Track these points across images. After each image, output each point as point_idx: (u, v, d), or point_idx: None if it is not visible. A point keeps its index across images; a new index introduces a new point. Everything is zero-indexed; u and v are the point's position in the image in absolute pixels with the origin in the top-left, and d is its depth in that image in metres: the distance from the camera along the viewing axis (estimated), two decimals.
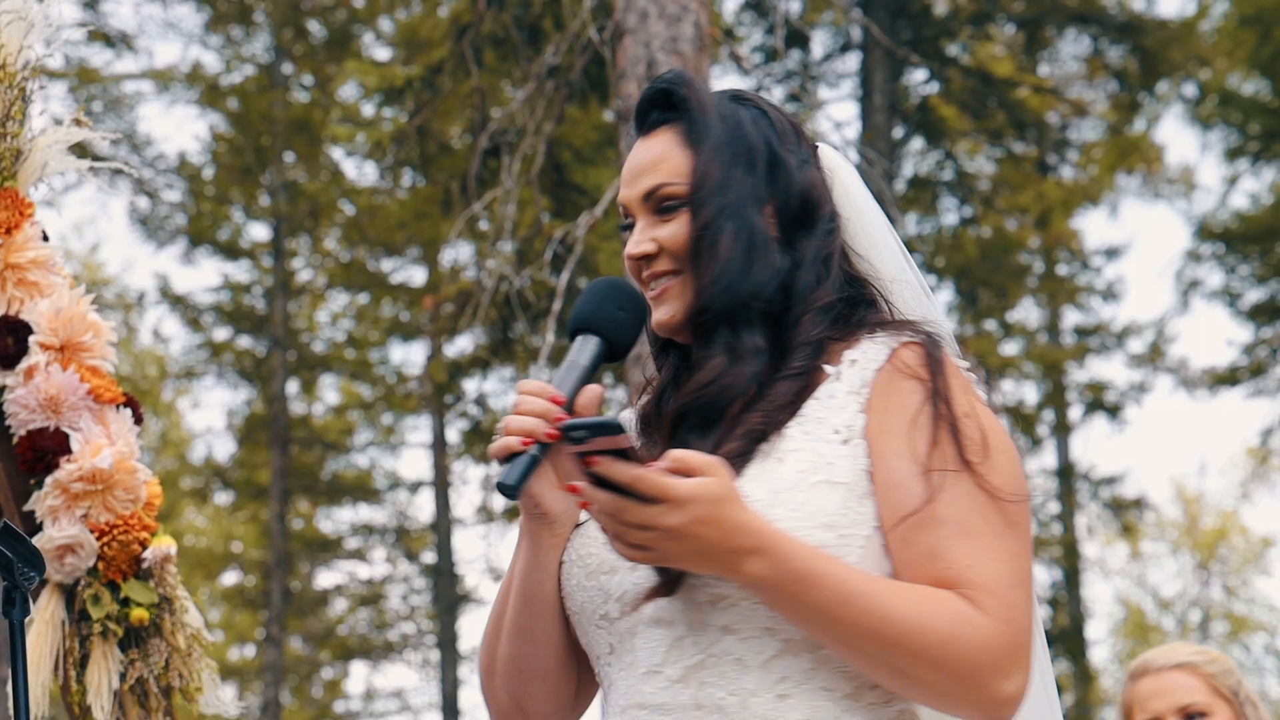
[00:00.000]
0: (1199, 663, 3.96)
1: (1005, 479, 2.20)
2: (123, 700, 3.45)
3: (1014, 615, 2.14)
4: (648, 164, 2.36)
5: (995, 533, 2.17)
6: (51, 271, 3.58)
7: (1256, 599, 30.65)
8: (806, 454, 2.22)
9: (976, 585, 2.14)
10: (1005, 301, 21.93)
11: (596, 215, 11.74)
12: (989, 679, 2.12)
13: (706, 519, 2.06)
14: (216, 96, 22.43)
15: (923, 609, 2.11)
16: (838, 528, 2.18)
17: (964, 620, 2.12)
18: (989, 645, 2.12)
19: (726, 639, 2.20)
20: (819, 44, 19.45)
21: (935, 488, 2.17)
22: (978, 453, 2.19)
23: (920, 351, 2.26)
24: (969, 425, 2.21)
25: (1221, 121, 19.92)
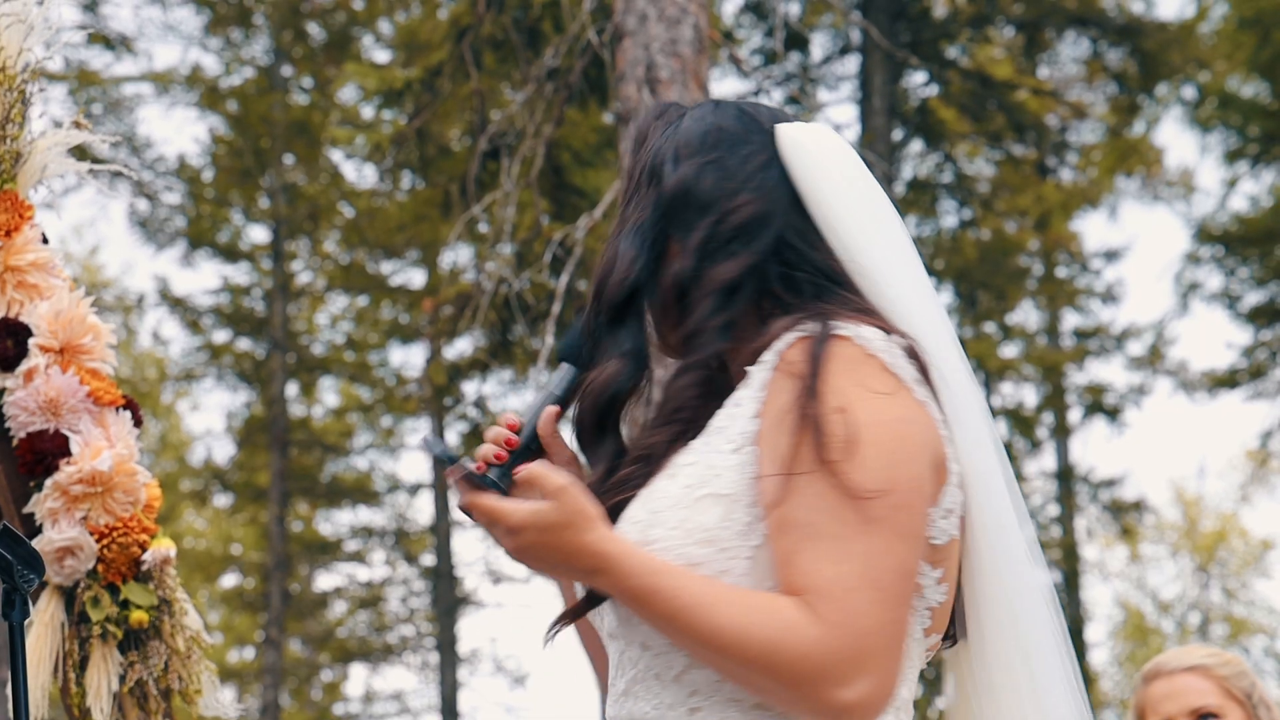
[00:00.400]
0: (1212, 665, 3.94)
1: (870, 475, 2.13)
2: (122, 702, 3.45)
3: (850, 619, 2.09)
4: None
5: (848, 534, 2.12)
6: (51, 274, 3.59)
7: (1256, 601, 30.66)
8: (699, 468, 2.23)
9: (813, 590, 2.11)
10: (1005, 304, 21.94)
11: (596, 217, 11.74)
12: (821, 687, 2.10)
13: (540, 544, 2.17)
14: (216, 99, 22.44)
15: (750, 619, 2.10)
16: (718, 542, 2.18)
17: (789, 628, 2.10)
18: (815, 652, 2.09)
19: (646, 654, 2.24)
20: (818, 46, 19.46)
21: (787, 490, 2.15)
22: (839, 450, 2.14)
23: (805, 346, 2.21)
24: (835, 421, 2.15)
25: (1221, 124, 19.93)
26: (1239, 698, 3.91)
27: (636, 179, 2.43)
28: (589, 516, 2.17)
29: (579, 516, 2.16)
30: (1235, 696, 3.91)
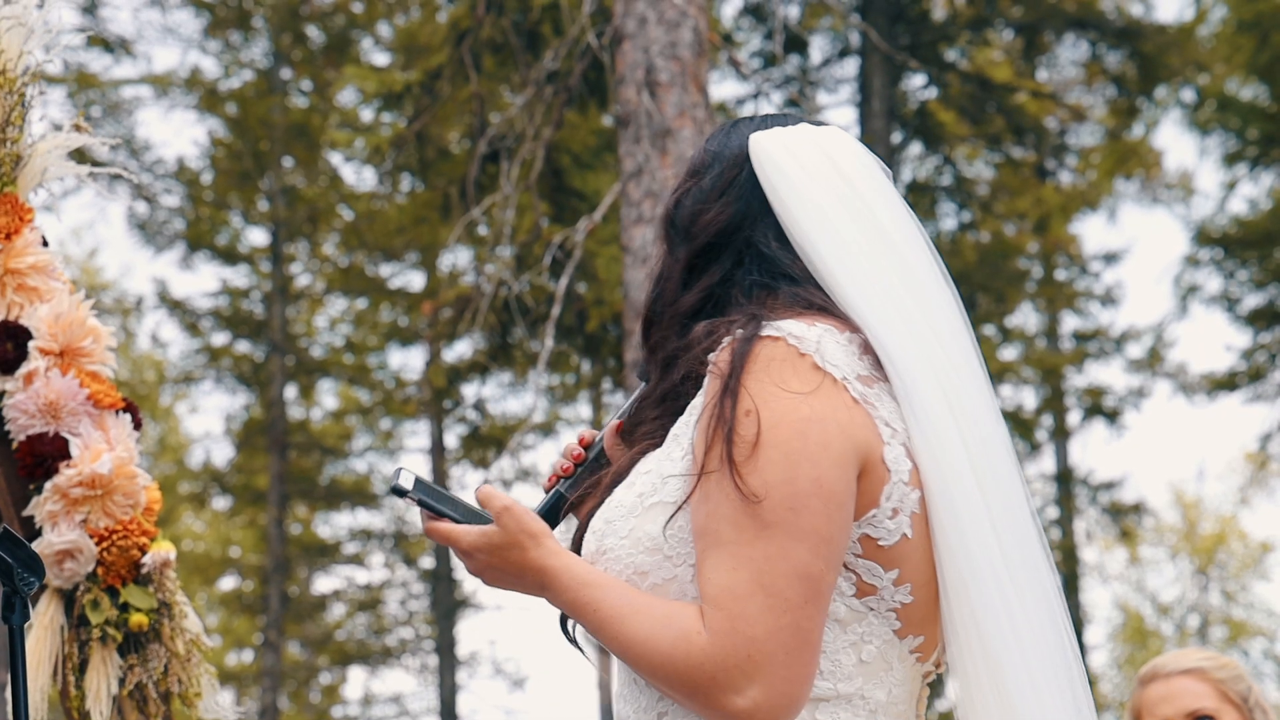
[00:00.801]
0: (1209, 668, 3.94)
1: (769, 477, 2.13)
2: (122, 705, 3.45)
3: (739, 627, 2.10)
4: None
5: (744, 540, 2.12)
6: (51, 277, 3.59)
7: (1255, 604, 30.66)
8: (651, 476, 2.26)
9: (708, 598, 2.13)
10: (1004, 306, 21.94)
11: (595, 220, 11.74)
12: (711, 695, 2.11)
13: (490, 565, 2.30)
14: (215, 101, 22.44)
15: (652, 629, 2.15)
16: (661, 550, 2.21)
17: (682, 638, 2.13)
18: (702, 661, 2.11)
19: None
20: (817, 49, 19.46)
21: (700, 495, 2.17)
22: (744, 450, 2.13)
23: (730, 349, 2.21)
24: (745, 422, 2.14)
25: (1220, 126, 19.93)
26: (1235, 701, 3.91)
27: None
28: (532, 534, 2.27)
29: (522, 535, 2.27)
30: (1232, 700, 3.91)
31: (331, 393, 25.38)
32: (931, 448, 2.23)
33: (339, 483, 24.60)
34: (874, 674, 2.21)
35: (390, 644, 25.70)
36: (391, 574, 25.57)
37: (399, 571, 25.59)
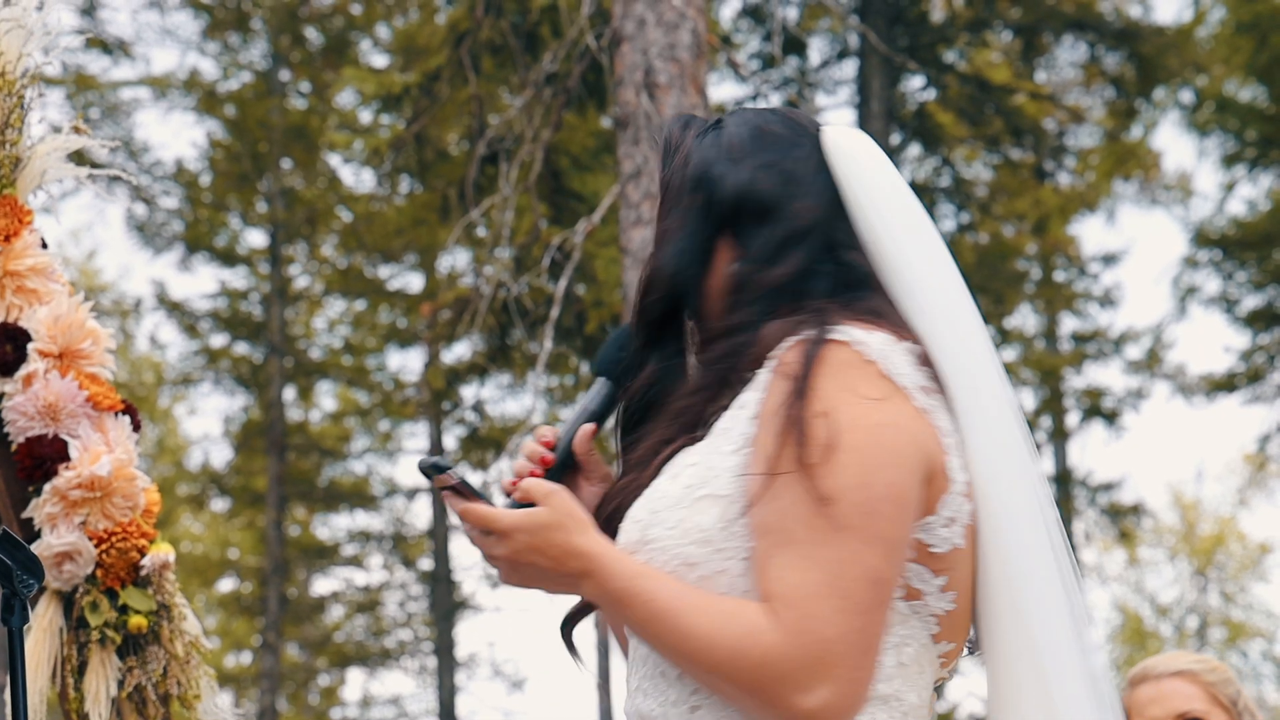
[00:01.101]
0: (1199, 670, 3.94)
1: (845, 481, 2.14)
2: (121, 708, 3.45)
3: (810, 626, 2.10)
4: None
5: (816, 540, 2.13)
6: (50, 279, 3.58)
7: (1254, 605, 30.68)
8: (700, 468, 2.24)
9: (778, 596, 2.12)
10: (1002, 308, 21.94)
11: (594, 222, 11.74)
12: (780, 695, 2.10)
13: (531, 547, 2.21)
14: (214, 103, 22.44)
15: (716, 625, 2.13)
16: (713, 543, 2.19)
17: (750, 635, 2.11)
18: (773, 660, 2.10)
19: (653, 654, 2.26)
20: (816, 51, 19.47)
21: (767, 491, 2.16)
22: (818, 453, 2.14)
23: (800, 348, 2.22)
24: (819, 424, 2.15)
25: (1218, 128, 19.94)
26: (1224, 704, 3.92)
27: (676, 190, 2.43)
28: (579, 519, 2.22)
29: (569, 519, 2.21)
30: (1221, 703, 3.92)
31: (330, 394, 25.40)
32: (992, 463, 2.27)
33: (338, 484, 24.61)
34: (910, 677, 2.24)
35: (389, 646, 25.69)
36: (390, 576, 25.57)
37: (398, 573, 25.59)
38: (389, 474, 25.30)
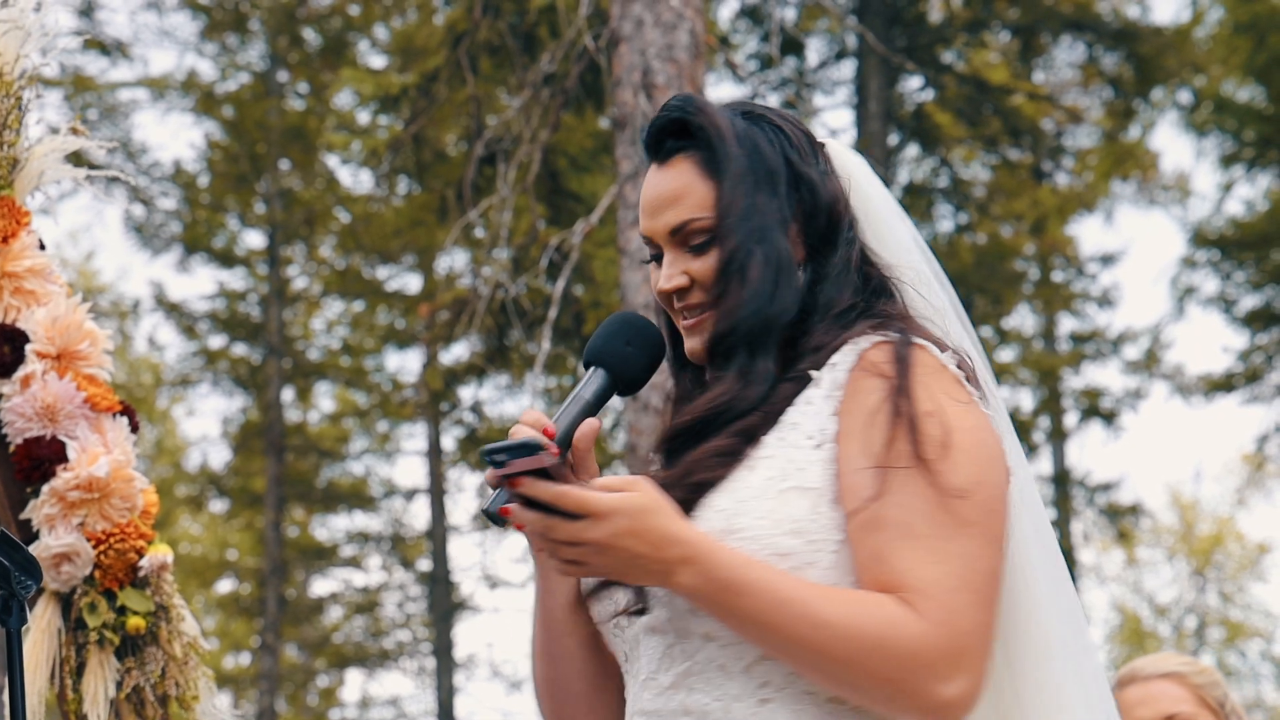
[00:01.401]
0: (1187, 673, 3.95)
1: (964, 479, 2.17)
2: (119, 709, 3.45)
3: (952, 618, 2.12)
4: (670, 197, 2.37)
5: (943, 534, 2.15)
6: (48, 280, 3.58)
7: (1252, 605, 30.67)
8: (778, 460, 2.22)
9: (914, 589, 2.13)
10: (1000, 308, 21.94)
11: (592, 222, 11.74)
12: (924, 684, 2.11)
13: (630, 531, 2.10)
14: (212, 104, 22.44)
15: (852, 613, 2.11)
16: (806, 534, 2.18)
17: (894, 624, 2.11)
18: (920, 650, 2.10)
19: (709, 646, 2.21)
20: (814, 51, 19.47)
21: (884, 485, 2.16)
22: (934, 450, 2.17)
23: (889, 349, 2.25)
24: (930, 422, 2.19)
25: (1216, 128, 19.94)
26: (1212, 706, 3.93)
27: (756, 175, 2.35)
28: (671, 505, 2.16)
29: (663, 503, 2.14)
30: (1209, 705, 3.93)
31: (329, 395, 25.39)
32: (1018, 467, 2.33)
33: (336, 485, 24.60)
34: None
35: (388, 646, 25.69)
36: (389, 576, 25.57)
37: (396, 574, 25.59)
38: (387, 475, 25.32)
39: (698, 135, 2.36)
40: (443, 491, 23.94)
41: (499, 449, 2.11)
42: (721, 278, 2.32)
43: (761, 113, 2.41)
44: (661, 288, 2.37)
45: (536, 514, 2.12)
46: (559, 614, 2.37)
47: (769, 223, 2.32)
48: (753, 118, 2.39)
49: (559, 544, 2.12)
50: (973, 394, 2.27)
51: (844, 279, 2.36)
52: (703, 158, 2.35)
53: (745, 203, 2.32)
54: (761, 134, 2.37)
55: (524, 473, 2.11)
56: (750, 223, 2.32)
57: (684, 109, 2.37)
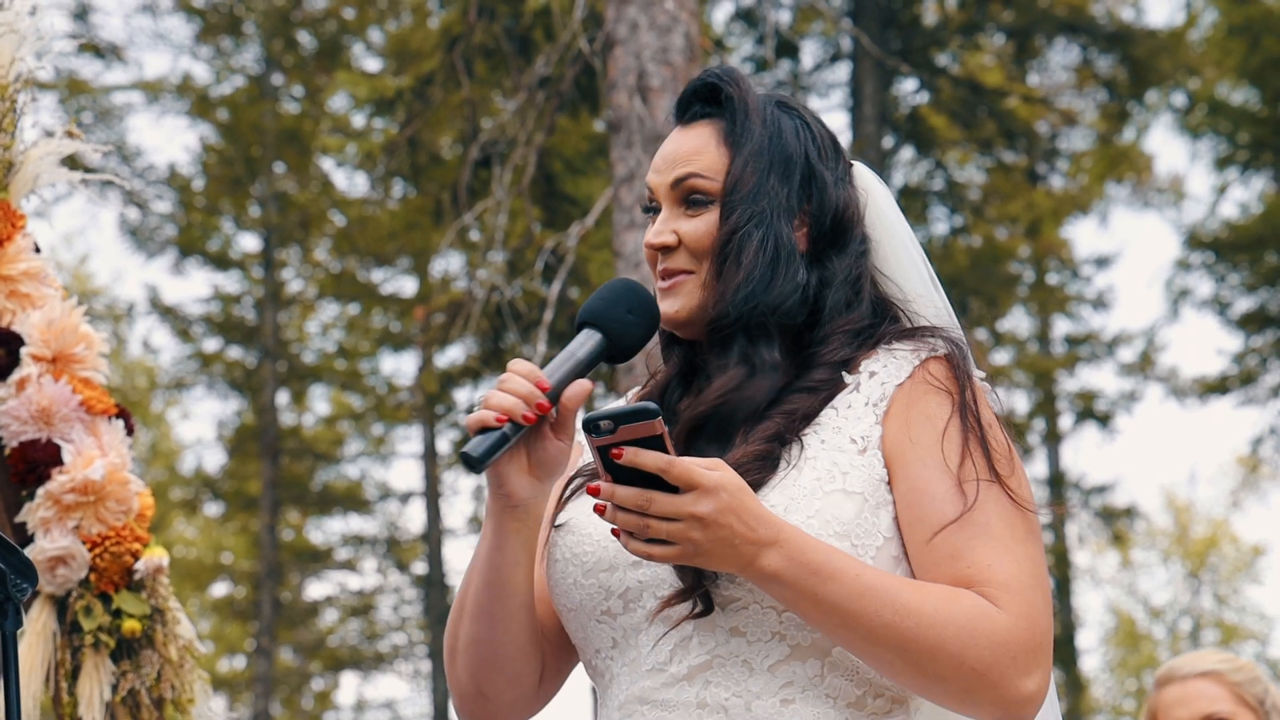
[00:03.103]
0: (1225, 670, 3.94)
1: (1027, 492, 2.25)
2: (114, 712, 3.45)
3: (1034, 614, 2.16)
4: (683, 154, 2.36)
5: (1017, 539, 2.20)
6: (43, 283, 3.58)
7: (1247, 607, 30.71)
8: (823, 462, 2.22)
9: (997, 583, 2.16)
10: (995, 311, 21.96)
11: (588, 225, 11.75)
12: (1008, 674, 2.13)
13: (733, 507, 2.06)
14: (206, 107, 22.44)
15: (940, 603, 2.12)
16: (851, 536, 2.18)
17: (982, 615, 2.13)
18: (1008, 640, 2.13)
19: (734, 640, 2.20)
20: (809, 54, 19.48)
21: (970, 497, 2.20)
22: (1005, 465, 2.23)
23: (947, 365, 2.28)
24: (995, 437, 2.25)
25: (1211, 131, 19.96)
26: (1251, 704, 3.90)
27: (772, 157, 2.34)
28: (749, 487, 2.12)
29: (746, 485, 2.11)
30: (1248, 703, 3.91)
31: (323, 398, 25.39)
32: None
33: (331, 488, 24.60)
34: None
35: (383, 650, 25.69)
36: (384, 579, 25.57)
37: (391, 577, 25.59)
38: (382, 478, 25.34)
39: (725, 104, 2.36)
40: (438, 494, 23.93)
41: (607, 415, 2.01)
42: (718, 251, 2.31)
43: (795, 107, 2.41)
44: (649, 240, 2.35)
45: (634, 490, 2.05)
46: (509, 572, 2.29)
47: (774, 207, 2.31)
48: (785, 108, 2.40)
49: (655, 520, 2.06)
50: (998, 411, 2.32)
51: (852, 291, 2.35)
52: (725, 127, 2.35)
53: (755, 181, 2.31)
54: (788, 121, 2.37)
55: (630, 441, 2.02)
56: (755, 204, 2.30)
57: (720, 77, 2.37)
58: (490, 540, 2.29)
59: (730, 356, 2.29)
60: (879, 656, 2.14)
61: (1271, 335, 20.32)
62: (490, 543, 2.29)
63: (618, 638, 2.28)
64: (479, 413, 2.17)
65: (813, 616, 2.13)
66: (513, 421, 2.16)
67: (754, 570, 2.10)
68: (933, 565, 2.19)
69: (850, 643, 2.14)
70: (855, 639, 2.13)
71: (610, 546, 2.25)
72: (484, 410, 2.17)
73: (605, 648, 2.30)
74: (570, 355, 2.24)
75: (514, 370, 2.19)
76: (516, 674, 2.36)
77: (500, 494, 2.26)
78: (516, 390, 2.18)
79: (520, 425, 2.16)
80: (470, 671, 2.37)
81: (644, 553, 2.09)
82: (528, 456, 2.24)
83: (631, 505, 2.05)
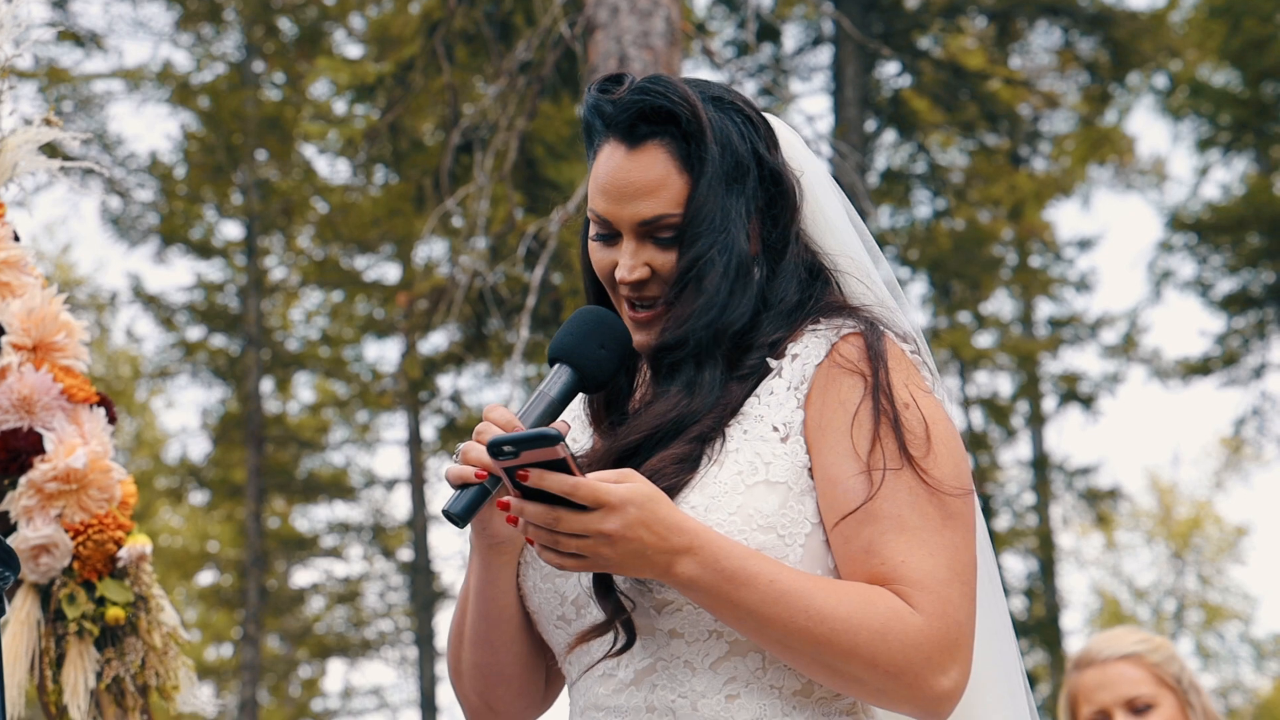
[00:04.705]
0: (1144, 652, 3.93)
1: (946, 472, 2.19)
2: (99, 699, 3.45)
3: (948, 610, 2.13)
4: (643, 187, 2.28)
5: (932, 527, 2.16)
6: (23, 272, 3.58)
7: (1231, 588, 30.80)
8: (745, 455, 2.21)
9: (910, 581, 2.14)
10: (978, 294, 21.99)
11: (570, 210, 11.74)
12: (922, 675, 2.12)
13: (642, 520, 2.06)
14: (187, 95, 22.37)
15: (854, 607, 2.11)
16: (777, 528, 2.17)
17: (895, 617, 2.11)
18: (920, 641, 2.11)
19: (674, 643, 2.20)
20: (790, 38, 19.47)
21: (875, 485, 2.16)
22: (919, 446, 2.18)
23: (860, 343, 2.24)
24: (910, 418, 2.19)
25: (1192, 112, 19.99)
26: (1170, 684, 3.90)
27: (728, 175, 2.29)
28: (664, 495, 2.12)
29: (662, 493, 2.11)
30: (1167, 684, 3.90)
31: (308, 386, 25.36)
32: None
33: (316, 476, 24.57)
34: None
35: (369, 636, 25.68)
36: (370, 566, 25.56)
37: (377, 564, 25.58)
38: (368, 465, 25.30)
39: (680, 125, 2.29)
40: (423, 481, 23.92)
41: (508, 440, 2.04)
42: (678, 282, 2.28)
43: (729, 99, 2.34)
44: (624, 278, 2.30)
45: (542, 506, 2.07)
46: (502, 601, 2.33)
47: (734, 226, 2.27)
48: (721, 105, 2.33)
49: (564, 536, 2.07)
50: (929, 380, 2.27)
51: (794, 274, 2.33)
52: (678, 149, 2.29)
53: (716, 206, 2.27)
54: (733, 126, 2.31)
55: (535, 464, 2.06)
56: (716, 229, 2.26)
57: (666, 95, 2.28)
58: (480, 575, 2.33)
59: (674, 383, 2.28)
60: (795, 659, 2.14)
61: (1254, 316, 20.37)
62: (480, 578, 2.33)
63: (573, 643, 2.28)
64: (458, 468, 2.19)
65: (730, 620, 2.13)
66: (492, 475, 2.17)
67: (670, 578, 2.11)
68: (849, 559, 2.17)
69: (768, 645, 2.14)
70: (771, 643, 2.13)
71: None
72: (462, 466, 2.19)
73: (562, 654, 2.32)
74: (543, 396, 2.26)
75: (489, 418, 2.20)
76: (522, 689, 2.39)
77: (484, 535, 2.29)
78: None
79: (499, 478, 2.17)
80: (478, 691, 2.40)
81: (558, 564, 2.11)
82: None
83: (541, 523, 2.07)
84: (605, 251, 2.34)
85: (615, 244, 2.33)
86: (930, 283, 21.10)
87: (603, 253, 2.34)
